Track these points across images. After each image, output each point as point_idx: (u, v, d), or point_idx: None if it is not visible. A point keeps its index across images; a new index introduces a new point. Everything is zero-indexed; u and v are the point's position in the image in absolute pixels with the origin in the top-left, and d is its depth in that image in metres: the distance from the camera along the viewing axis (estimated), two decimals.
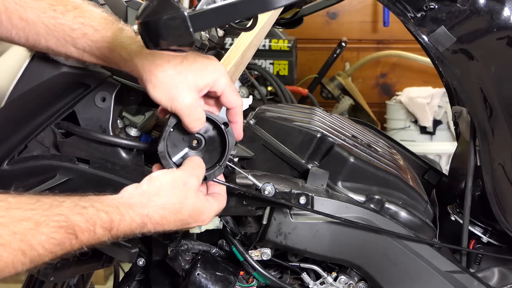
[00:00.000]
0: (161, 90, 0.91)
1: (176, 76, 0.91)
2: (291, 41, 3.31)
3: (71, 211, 0.80)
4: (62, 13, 0.92)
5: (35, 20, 0.92)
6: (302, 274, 1.19)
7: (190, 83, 0.92)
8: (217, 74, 0.94)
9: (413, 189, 1.23)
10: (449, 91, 1.24)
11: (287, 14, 1.49)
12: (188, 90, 0.92)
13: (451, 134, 3.28)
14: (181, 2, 1.91)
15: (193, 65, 0.93)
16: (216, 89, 0.95)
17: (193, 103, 0.92)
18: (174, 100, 0.91)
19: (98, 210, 0.83)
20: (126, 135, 1.06)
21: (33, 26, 0.92)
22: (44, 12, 0.92)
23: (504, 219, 1.17)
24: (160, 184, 0.90)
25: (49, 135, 1.05)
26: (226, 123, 0.97)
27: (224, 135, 0.97)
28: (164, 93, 0.91)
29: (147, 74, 0.91)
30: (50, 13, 0.92)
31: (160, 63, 0.91)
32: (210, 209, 0.95)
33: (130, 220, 0.86)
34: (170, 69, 0.91)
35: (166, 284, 1.21)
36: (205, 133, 0.98)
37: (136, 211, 0.87)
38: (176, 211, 0.90)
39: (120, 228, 0.85)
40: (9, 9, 0.91)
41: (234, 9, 0.79)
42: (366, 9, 3.79)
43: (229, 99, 0.97)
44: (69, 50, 0.94)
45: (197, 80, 0.92)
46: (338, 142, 1.21)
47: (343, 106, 3.62)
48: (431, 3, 1.12)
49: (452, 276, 1.17)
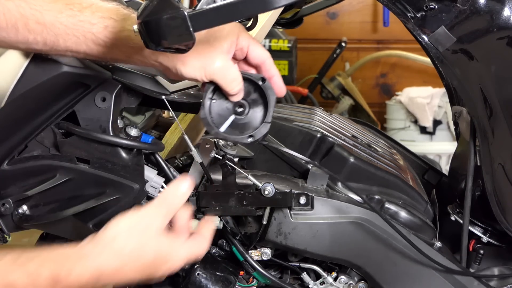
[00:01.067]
0: (191, 65, 0.90)
1: (200, 46, 0.89)
2: (291, 41, 3.31)
3: (10, 267, 0.76)
4: (80, 10, 0.91)
5: (53, 22, 0.91)
6: (302, 274, 1.19)
7: (216, 47, 0.90)
8: (236, 31, 0.92)
9: (413, 189, 1.23)
10: (449, 91, 1.24)
11: (287, 14, 1.49)
12: (216, 54, 0.90)
13: (451, 134, 3.27)
14: (181, 2, 1.90)
15: (211, 31, 0.90)
16: (242, 45, 0.93)
17: (224, 64, 0.91)
18: (206, 68, 0.90)
19: (42, 264, 0.78)
20: (126, 135, 1.06)
21: (51, 28, 0.91)
22: (61, 12, 0.91)
23: (504, 219, 1.17)
24: (117, 229, 0.83)
25: (49, 135, 1.05)
26: (263, 78, 0.94)
27: (264, 92, 0.94)
28: (195, 66, 0.90)
29: (174, 56, 0.89)
30: (68, 12, 0.91)
31: None
32: (178, 253, 0.87)
33: (79, 274, 0.79)
34: None
35: (166, 284, 1.21)
36: (247, 97, 0.96)
37: (87, 262, 0.80)
38: (135, 257, 0.83)
39: (69, 282, 0.79)
40: (25, 15, 0.90)
41: (234, 9, 0.79)
42: (366, 9, 3.79)
43: (257, 53, 0.94)
44: (89, 47, 0.93)
45: (221, 43, 0.90)
46: (338, 142, 1.21)
47: (343, 106, 3.62)
48: (431, 3, 1.12)
49: (452, 276, 1.17)
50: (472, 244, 1.27)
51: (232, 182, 1.08)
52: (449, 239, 1.28)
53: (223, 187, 1.08)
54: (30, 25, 0.91)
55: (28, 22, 0.90)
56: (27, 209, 1.06)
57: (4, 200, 1.06)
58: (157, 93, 1.04)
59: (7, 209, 1.06)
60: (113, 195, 1.03)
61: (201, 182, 1.13)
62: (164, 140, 1.15)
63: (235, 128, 0.95)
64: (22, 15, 0.90)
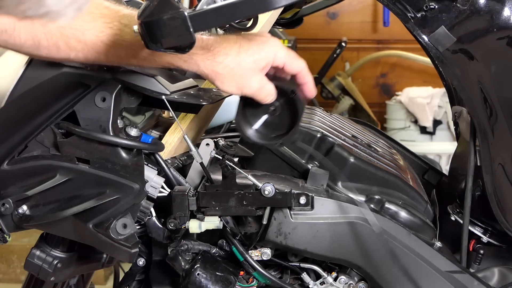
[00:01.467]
0: (229, 84, 0.98)
1: (238, 67, 0.97)
2: (291, 41, 3.31)
3: None
4: (120, 29, 0.94)
5: (94, 41, 0.94)
6: (302, 274, 1.19)
7: (252, 68, 0.98)
8: (273, 50, 1.00)
9: (413, 189, 1.23)
10: (449, 91, 1.25)
11: (287, 14, 1.49)
12: (253, 75, 0.98)
13: (451, 134, 3.28)
14: (181, 2, 1.89)
15: (249, 51, 0.98)
16: (278, 63, 1.01)
17: (260, 84, 0.99)
18: (243, 88, 0.98)
19: None
20: (126, 135, 1.06)
21: (92, 47, 0.94)
22: (101, 31, 0.94)
23: (504, 219, 1.17)
24: None
25: (49, 135, 1.05)
26: (293, 91, 1.02)
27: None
28: (233, 85, 0.98)
29: (212, 73, 0.96)
30: (108, 31, 0.94)
31: (220, 60, 0.96)
32: None
33: None
34: (231, 63, 0.96)
35: (166, 284, 1.21)
36: (280, 99, 1.03)
37: None
38: None
39: None
40: (66, 34, 0.93)
41: (234, 9, 0.79)
42: (366, 9, 3.79)
43: (292, 67, 1.03)
44: (129, 61, 0.97)
45: (257, 63, 0.98)
46: (338, 142, 1.21)
47: (343, 106, 3.62)
48: (431, 3, 1.12)
49: (452, 276, 1.17)
50: (472, 244, 1.27)
51: (232, 182, 1.08)
52: (449, 239, 1.28)
53: (223, 187, 1.08)
54: (71, 44, 0.94)
55: (69, 40, 0.93)
56: (27, 209, 1.06)
57: (4, 200, 1.06)
58: (157, 93, 1.04)
59: (7, 209, 1.06)
60: (113, 195, 1.03)
61: (201, 182, 1.13)
62: (164, 140, 1.15)
63: (267, 127, 1.04)
64: (63, 34, 0.93)
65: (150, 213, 1.12)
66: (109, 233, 1.02)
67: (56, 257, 1.13)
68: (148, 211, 1.11)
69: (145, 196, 1.07)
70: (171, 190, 1.11)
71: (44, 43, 0.93)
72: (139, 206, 1.07)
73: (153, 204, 1.11)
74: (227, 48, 0.96)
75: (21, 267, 2.75)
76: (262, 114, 1.04)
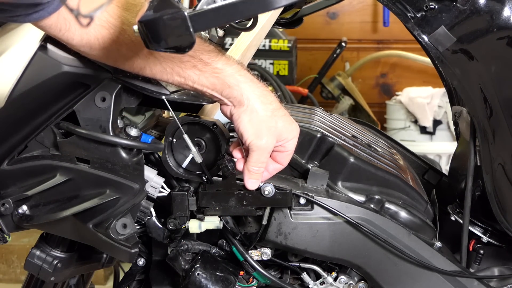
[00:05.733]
0: (252, 126, 0.99)
1: (270, 119, 1.00)
2: (291, 41, 3.31)
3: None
4: (205, 65, 0.96)
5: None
6: (302, 274, 1.19)
7: (277, 130, 1.01)
8: (295, 134, 1.04)
9: (413, 189, 1.23)
10: (449, 91, 1.24)
11: (287, 14, 1.49)
12: (272, 136, 1.01)
13: (451, 134, 3.28)
14: (181, 2, 1.90)
15: (284, 117, 1.02)
16: (286, 146, 1.04)
17: (268, 146, 1.01)
18: (258, 138, 1.00)
19: None
20: (126, 135, 1.06)
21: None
22: (194, 67, 0.96)
23: (504, 219, 1.17)
24: None
25: (49, 135, 1.05)
26: (214, 125, 1.06)
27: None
28: (254, 130, 0.99)
29: (250, 106, 0.99)
30: (194, 71, 0.96)
31: (264, 100, 0.99)
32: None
33: None
34: (269, 111, 1.00)
35: (166, 284, 1.21)
36: (203, 136, 1.08)
37: None
38: None
39: None
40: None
41: (234, 9, 0.79)
42: (366, 9, 3.79)
43: (285, 160, 1.06)
44: (172, 78, 0.98)
45: (282, 131, 1.02)
46: (338, 142, 1.21)
47: (343, 106, 3.62)
48: (431, 3, 1.12)
49: (452, 276, 1.17)
50: (472, 244, 1.27)
51: (232, 182, 1.08)
52: (449, 239, 1.28)
53: (223, 187, 1.08)
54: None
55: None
56: (27, 209, 1.06)
57: (4, 200, 1.06)
58: (157, 93, 1.04)
59: (7, 209, 1.06)
60: (113, 195, 1.03)
61: (201, 182, 1.13)
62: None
63: (194, 164, 1.08)
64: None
65: (150, 213, 1.12)
66: (109, 233, 1.02)
67: (56, 257, 1.14)
68: (148, 211, 1.11)
69: (145, 196, 1.07)
70: (171, 190, 1.11)
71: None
72: (139, 206, 1.07)
73: (153, 204, 1.12)
74: (272, 98, 1.01)
75: (21, 267, 2.75)
76: (189, 153, 1.07)
